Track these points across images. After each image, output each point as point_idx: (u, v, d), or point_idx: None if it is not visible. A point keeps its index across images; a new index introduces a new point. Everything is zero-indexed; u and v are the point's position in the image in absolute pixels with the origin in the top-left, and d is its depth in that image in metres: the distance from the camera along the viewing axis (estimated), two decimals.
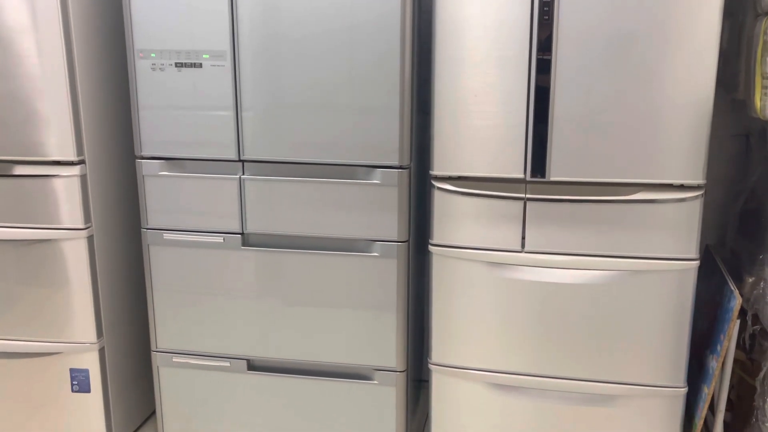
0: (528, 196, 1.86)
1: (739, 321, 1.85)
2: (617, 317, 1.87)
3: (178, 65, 1.95)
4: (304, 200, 1.99)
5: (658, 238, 1.81)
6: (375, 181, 1.95)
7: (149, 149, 2.04)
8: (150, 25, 1.95)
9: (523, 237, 1.89)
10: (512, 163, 1.85)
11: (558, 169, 1.82)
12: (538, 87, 1.78)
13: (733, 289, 1.88)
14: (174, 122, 2.00)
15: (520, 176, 1.85)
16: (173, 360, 2.19)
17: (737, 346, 1.97)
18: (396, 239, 1.98)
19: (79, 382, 2.28)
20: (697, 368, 2.05)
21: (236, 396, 2.17)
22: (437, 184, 1.92)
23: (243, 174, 2.01)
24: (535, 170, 1.83)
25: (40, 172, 2.11)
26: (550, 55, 1.76)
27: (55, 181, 2.12)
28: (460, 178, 1.90)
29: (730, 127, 2.36)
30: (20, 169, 2.12)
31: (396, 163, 1.92)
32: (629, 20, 1.71)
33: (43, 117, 2.06)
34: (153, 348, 2.20)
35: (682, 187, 1.79)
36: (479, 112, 1.83)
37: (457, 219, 1.93)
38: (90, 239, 2.18)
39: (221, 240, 2.06)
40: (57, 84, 2.03)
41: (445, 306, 1.99)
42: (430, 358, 2.05)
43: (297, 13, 1.87)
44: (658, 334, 1.86)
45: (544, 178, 1.83)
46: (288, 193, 1.99)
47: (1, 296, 2.24)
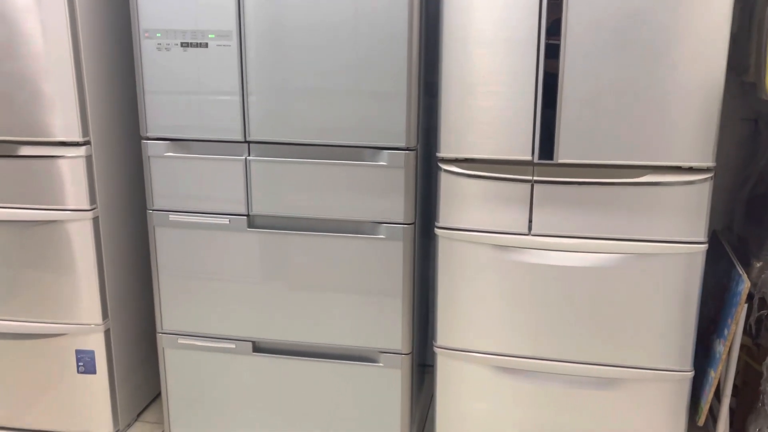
0: (535, 178, 1.85)
1: (746, 306, 1.85)
2: (624, 301, 1.86)
3: (184, 45, 1.94)
4: (310, 182, 1.98)
5: (667, 221, 1.80)
6: (381, 163, 1.94)
7: (155, 130, 2.03)
8: (156, 4, 1.93)
9: (530, 220, 1.88)
10: (520, 145, 1.83)
11: (566, 152, 1.81)
12: (546, 68, 1.77)
13: (741, 272, 1.87)
14: (180, 103, 1.99)
15: (528, 158, 1.83)
16: (179, 342, 2.19)
17: (743, 332, 1.96)
18: (402, 221, 1.97)
19: (85, 363, 2.29)
20: (703, 353, 2.05)
21: (241, 378, 2.18)
22: (444, 167, 1.91)
23: (249, 155, 2.00)
24: (543, 152, 1.82)
25: (46, 152, 2.11)
26: (559, 36, 1.74)
27: (61, 162, 2.11)
28: (466, 160, 1.89)
29: (739, 111, 2.34)
30: (25, 150, 2.12)
31: (403, 145, 1.91)
32: (640, 2, 1.69)
33: (48, 97, 2.06)
34: (158, 329, 2.20)
35: (691, 170, 1.77)
36: (487, 94, 1.82)
37: (464, 201, 1.92)
38: (95, 221, 2.18)
39: (227, 222, 2.05)
40: (62, 64, 2.02)
41: (451, 289, 1.99)
42: (435, 341, 2.05)
43: None
44: (665, 317, 1.86)
45: (552, 161, 1.82)
46: (294, 175, 1.99)
47: (6, 277, 2.24)
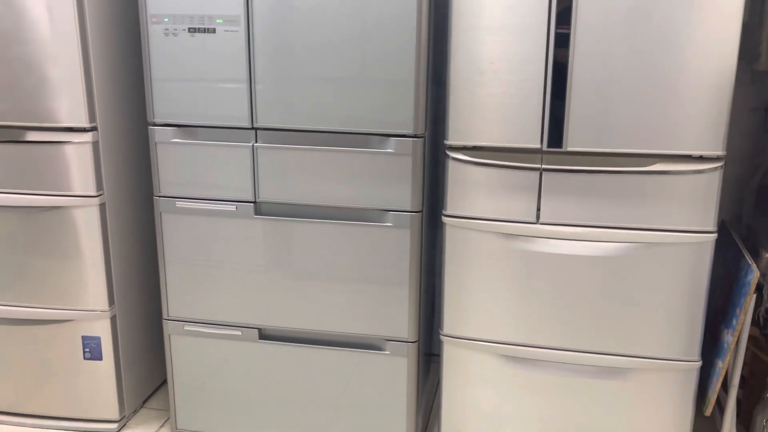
0: (544, 166, 1.84)
1: (755, 296, 1.84)
2: (632, 290, 1.85)
3: (192, 30, 1.93)
4: (318, 169, 1.98)
5: (676, 211, 1.79)
6: (389, 150, 1.93)
7: (162, 116, 2.03)
8: None
9: (538, 208, 1.87)
10: (528, 133, 1.82)
11: (575, 140, 1.80)
12: (556, 55, 1.75)
13: (750, 262, 1.86)
14: (187, 88, 1.98)
15: (537, 146, 1.82)
16: (185, 328, 2.19)
17: (751, 323, 1.96)
18: (409, 209, 1.96)
19: (91, 349, 2.29)
20: (710, 342, 2.04)
21: (247, 365, 2.18)
22: (452, 154, 1.90)
23: (256, 142, 2.00)
24: (552, 140, 1.81)
25: (52, 138, 2.11)
26: (569, 23, 1.73)
27: (67, 147, 2.11)
28: (474, 148, 1.88)
29: (749, 100, 2.33)
30: (32, 135, 2.11)
31: (410, 132, 1.90)
32: None
33: (55, 83, 2.05)
34: (165, 316, 2.20)
35: (701, 159, 1.76)
36: (495, 81, 1.81)
37: (471, 189, 1.91)
38: (102, 207, 2.18)
39: (233, 208, 2.05)
40: (69, 49, 2.02)
41: (458, 277, 1.98)
42: (441, 330, 2.05)
43: None
44: (673, 307, 1.85)
45: (561, 149, 1.81)
46: (301, 162, 1.98)
47: (13, 263, 2.25)
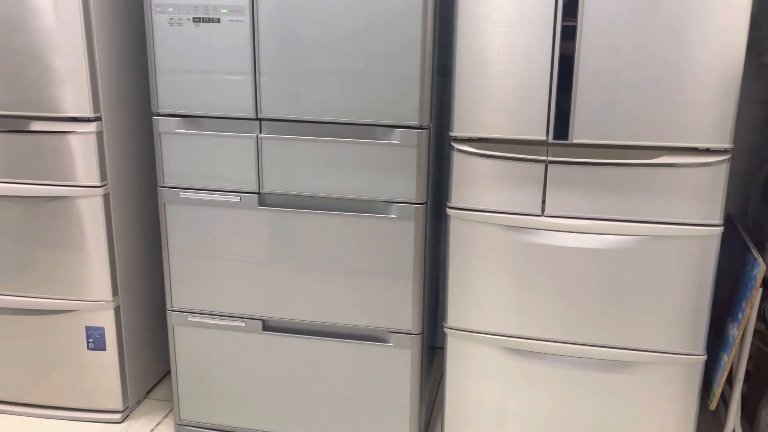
0: (549, 158, 1.83)
1: (761, 290, 1.83)
2: (638, 283, 1.84)
3: (196, 20, 1.92)
4: (322, 160, 1.97)
5: (682, 203, 1.78)
6: (393, 142, 1.92)
7: (166, 106, 2.02)
8: None
9: (544, 201, 1.86)
10: (534, 125, 1.81)
11: (581, 132, 1.79)
12: (562, 47, 1.74)
13: (756, 256, 1.85)
14: (191, 79, 1.97)
15: (542, 138, 1.81)
16: (188, 319, 2.19)
17: (756, 317, 1.95)
18: (414, 201, 1.96)
19: (95, 339, 2.30)
20: (716, 336, 2.03)
21: (251, 356, 2.18)
22: (457, 146, 1.90)
23: (260, 133, 1.99)
24: (558, 132, 1.80)
25: (56, 128, 2.10)
26: (576, 12, 1.71)
27: (71, 137, 2.11)
28: (480, 139, 1.87)
29: (756, 94, 2.31)
30: (36, 125, 2.11)
31: (415, 123, 1.89)
32: None
33: (59, 73, 2.05)
34: (168, 307, 2.20)
35: (707, 151, 1.75)
36: (501, 72, 1.80)
37: (476, 181, 1.90)
38: (106, 197, 2.18)
39: (238, 199, 2.04)
40: (73, 38, 2.01)
41: (462, 270, 1.98)
42: (445, 322, 2.04)
43: None
44: (678, 300, 1.84)
45: (567, 141, 1.80)
46: (306, 153, 1.97)
47: (17, 253, 2.25)
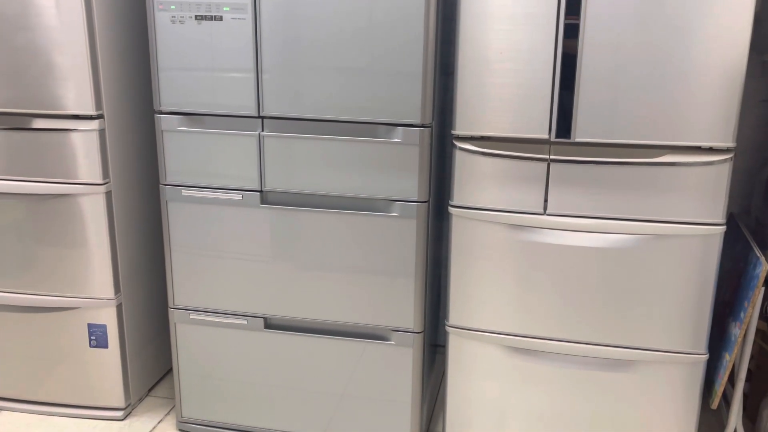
0: (552, 157, 1.83)
1: (763, 289, 1.82)
2: (640, 282, 1.84)
3: (198, 18, 1.92)
4: (324, 158, 1.97)
5: (684, 202, 1.78)
6: (396, 140, 1.92)
7: (168, 104, 2.02)
8: None
9: (546, 199, 1.86)
10: (536, 124, 1.81)
11: (583, 130, 1.78)
12: (565, 45, 1.74)
13: (759, 255, 1.85)
14: (193, 77, 1.97)
15: (545, 137, 1.81)
16: (190, 317, 2.19)
17: (759, 316, 1.94)
18: (416, 199, 1.96)
19: (97, 337, 2.30)
20: (718, 335, 2.03)
21: (253, 354, 2.18)
22: (459, 144, 1.89)
23: (263, 131, 1.99)
24: (560, 131, 1.80)
25: (59, 126, 2.10)
26: (579, 10, 1.71)
27: (74, 135, 2.11)
28: (482, 138, 1.87)
29: (759, 93, 2.31)
30: (38, 123, 2.11)
31: (417, 122, 1.89)
32: None
33: (61, 70, 2.05)
34: (170, 305, 2.20)
35: (710, 150, 1.75)
36: (504, 71, 1.80)
37: (479, 180, 1.90)
38: (108, 195, 2.18)
39: (240, 197, 2.04)
40: (76, 36, 2.01)
41: (464, 268, 1.98)
42: (447, 320, 2.04)
43: None
44: (680, 299, 1.84)
45: (569, 140, 1.80)
46: (308, 151, 1.97)
47: (19, 251, 2.25)
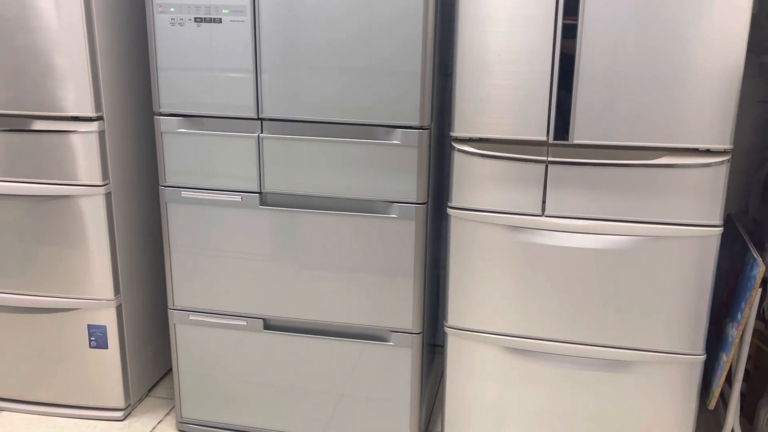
0: (550, 159, 1.83)
1: (760, 290, 1.83)
2: (637, 283, 1.85)
3: (198, 20, 1.93)
4: (323, 160, 1.98)
5: (682, 204, 1.78)
6: (394, 142, 1.92)
7: (168, 106, 2.03)
8: None
9: (544, 201, 1.87)
10: (535, 126, 1.82)
11: (581, 132, 1.79)
12: (563, 47, 1.74)
13: (756, 256, 1.86)
14: (193, 79, 1.98)
15: (543, 139, 1.82)
16: (190, 318, 2.20)
17: (756, 316, 1.95)
18: (415, 201, 1.96)
19: (97, 338, 2.31)
20: (715, 336, 2.04)
21: (252, 355, 2.19)
22: (457, 146, 1.90)
23: (262, 132, 1.99)
24: (558, 133, 1.80)
25: (58, 127, 2.11)
26: (577, 13, 1.72)
27: (73, 137, 2.11)
28: (480, 140, 1.88)
29: (757, 93, 2.32)
30: (38, 125, 2.12)
31: (416, 124, 1.90)
32: None
33: (61, 71, 2.05)
34: (170, 306, 2.21)
35: (707, 152, 1.75)
36: (502, 73, 1.80)
37: (477, 182, 1.91)
38: (108, 196, 2.18)
39: (239, 199, 2.05)
40: (75, 38, 2.02)
41: (463, 269, 1.98)
42: (446, 321, 2.05)
43: None
44: (678, 300, 1.85)
45: (567, 141, 1.80)
46: (307, 153, 1.98)
47: (19, 252, 2.25)
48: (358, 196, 1.99)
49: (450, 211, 1.96)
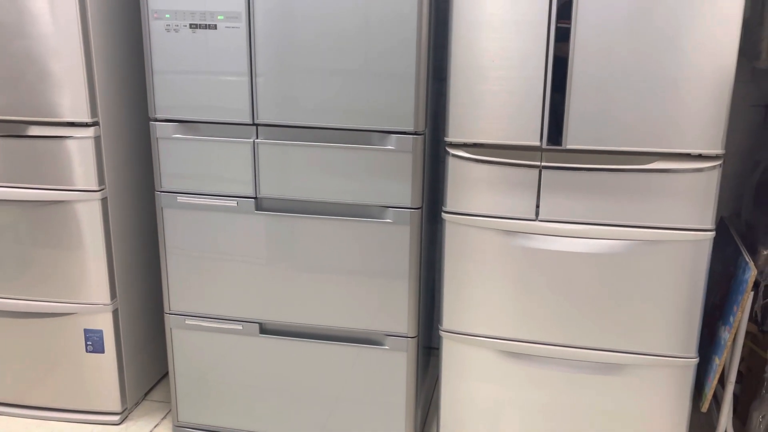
0: (543, 164, 1.84)
1: (752, 293, 1.85)
2: (630, 287, 1.86)
3: (193, 27, 1.93)
4: (318, 165, 1.99)
5: (674, 208, 1.80)
6: (389, 147, 1.93)
7: (163, 112, 2.03)
8: None
9: (538, 205, 1.88)
10: (528, 131, 1.83)
11: (574, 137, 1.80)
12: (556, 53, 1.76)
13: (748, 260, 1.87)
14: (188, 85, 1.99)
15: (536, 144, 1.83)
16: (186, 322, 2.20)
17: (749, 318, 1.97)
18: (409, 206, 1.97)
19: (93, 342, 2.31)
20: (708, 339, 2.05)
21: (248, 359, 2.19)
22: (452, 151, 1.91)
23: (257, 138, 2.00)
24: (552, 138, 1.82)
25: (54, 133, 2.12)
26: (570, 20, 1.73)
27: (69, 142, 2.12)
28: (474, 145, 1.89)
29: (750, 97, 2.33)
30: (34, 130, 2.12)
31: (411, 129, 1.91)
32: None
33: (57, 77, 2.06)
34: (166, 310, 2.21)
35: (700, 157, 1.77)
36: (496, 78, 1.81)
37: (471, 186, 1.92)
38: (104, 201, 2.19)
39: (234, 204, 2.06)
40: (71, 44, 2.02)
41: (457, 273, 1.99)
42: (441, 325, 2.06)
43: None
44: (671, 304, 1.86)
45: (560, 146, 1.82)
46: (302, 158, 1.99)
47: (16, 257, 2.26)
48: (353, 201, 2.00)
49: (444, 215, 1.97)
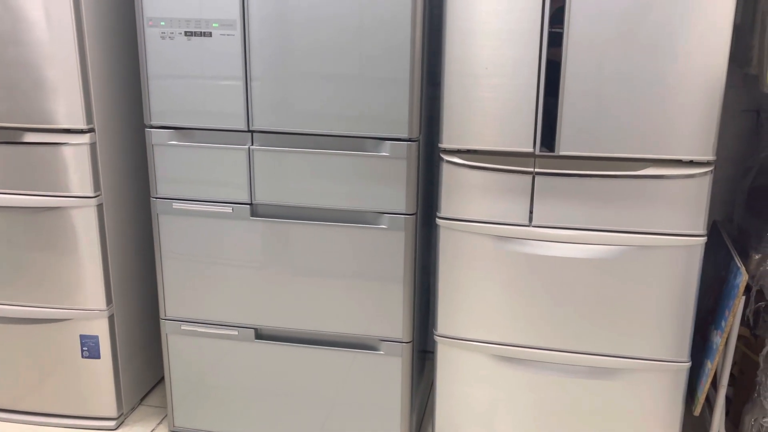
0: (536, 170, 1.86)
1: (744, 297, 1.86)
2: (623, 292, 1.88)
3: (188, 34, 1.94)
4: (313, 172, 1.99)
5: (666, 214, 1.81)
6: (384, 154, 1.95)
7: (159, 118, 2.04)
8: None
9: (531, 211, 1.89)
10: (522, 137, 1.84)
11: (567, 144, 1.82)
12: (549, 60, 1.77)
13: (739, 265, 1.88)
14: (184, 92, 2.00)
15: (530, 150, 1.84)
16: (182, 328, 2.21)
17: (741, 322, 1.98)
18: (404, 212, 1.98)
19: (89, 348, 2.32)
20: (700, 343, 2.07)
21: (244, 364, 2.20)
22: (446, 158, 1.92)
23: (252, 144, 2.01)
24: (545, 144, 1.83)
25: (50, 139, 2.12)
26: (562, 27, 1.74)
27: (65, 149, 2.13)
28: (468, 151, 1.90)
29: (741, 103, 2.35)
30: (30, 137, 2.13)
31: (405, 136, 1.92)
32: None
33: (52, 84, 2.06)
34: (162, 316, 2.22)
35: (691, 163, 1.78)
36: (489, 85, 1.83)
37: (465, 192, 1.93)
38: (99, 207, 2.19)
39: (230, 210, 2.07)
40: (66, 51, 2.03)
41: (452, 278, 2.01)
42: (435, 330, 2.07)
43: None
44: (663, 309, 1.87)
45: (554, 153, 1.83)
46: (297, 165, 2.00)
47: (12, 263, 2.26)
48: (348, 207, 2.01)
49: (439, 221, 1.98)
